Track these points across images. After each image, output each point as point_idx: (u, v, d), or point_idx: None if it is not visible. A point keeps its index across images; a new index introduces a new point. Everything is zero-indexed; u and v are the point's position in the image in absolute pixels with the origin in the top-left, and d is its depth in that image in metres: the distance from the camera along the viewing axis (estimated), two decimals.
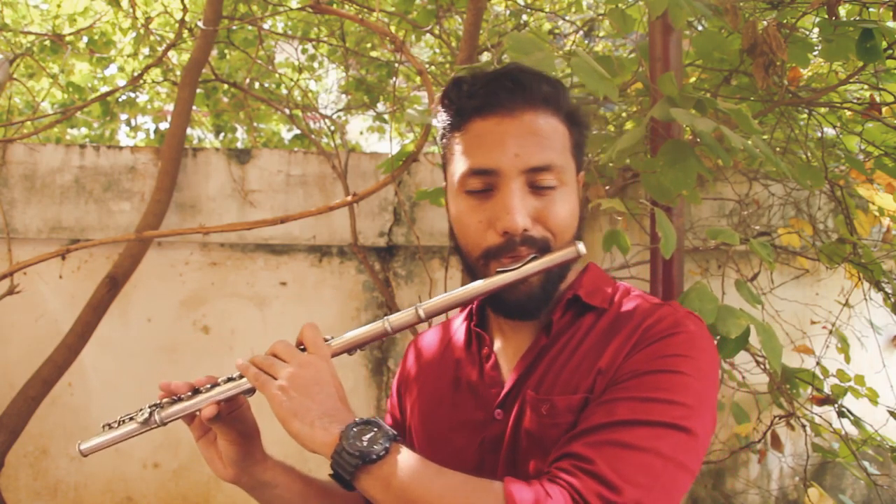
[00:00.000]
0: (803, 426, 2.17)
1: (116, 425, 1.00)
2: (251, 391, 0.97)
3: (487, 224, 0.96)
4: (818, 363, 2.28)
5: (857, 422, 2.10)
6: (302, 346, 0.97)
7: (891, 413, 2.20)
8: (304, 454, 1.06)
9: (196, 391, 0.98)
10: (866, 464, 2.17)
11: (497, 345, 1.07)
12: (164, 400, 1.00)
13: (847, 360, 2.35)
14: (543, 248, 0.95)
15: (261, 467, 1.05)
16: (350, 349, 0.98)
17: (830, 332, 2.39)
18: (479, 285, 0.96)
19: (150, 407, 0.99)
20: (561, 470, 0.84)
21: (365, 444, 0.84)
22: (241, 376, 0.97)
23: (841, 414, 2.13)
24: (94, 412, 2.79)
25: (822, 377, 2.20)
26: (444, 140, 1.03)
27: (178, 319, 2.85)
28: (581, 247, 0.94)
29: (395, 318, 0.97)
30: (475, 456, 1.01)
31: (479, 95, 0.96)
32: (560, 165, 0.96)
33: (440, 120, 1.03)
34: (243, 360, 0.96)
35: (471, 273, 1.01)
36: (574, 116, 1.00)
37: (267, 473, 1.05)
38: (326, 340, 0.97)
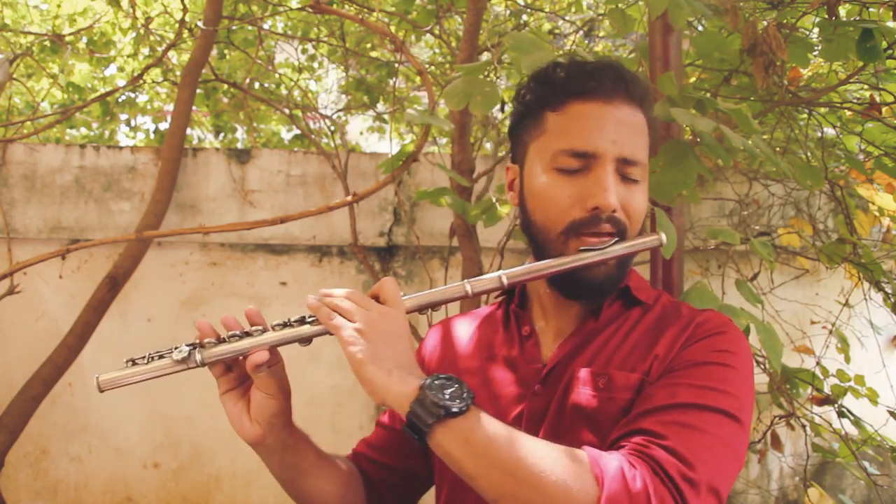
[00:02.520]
0: (803, 426, 2.17)
1: (144, 361, 0.90)
2: (308, 340, 0.92)
3: (576, 199, 0.97)
4: (818, 363, 2.28)
5: (857, 422, 2.10)
6: (376, 300, 0.94)
7: (891, 413, 2.20)
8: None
9: (246, 333, 0.93)
10: (866, 464, 2.17)
11: (539, 326, 1.08)
12: (207, 339, 0.92)
13: (847, 360, 2.35)
14: (623, 232, 0.98)
15: (288, 430, 1.01)
16: (424, 308, 0.96)
17: (830, 332, 2.39)
18: (563, 259, 0.97)
19: (188, 345, 0.91)
20: (637, 444, 0.85)
21: (447, 397, 0.83)
22: (298, 321, 0.93)
23: (841, 414, 2.13)
24: (94, 412, 2.79)
25: (822, 377, 2.20)
26: (526, 119, 1.04)
27: (178, 319, 2.85)
28: (664, 236, 1.01)
29: (477, 282, 0.96)
30: (512, 427, 1.01)
31: (582, 79, 0.99)
32: (643, 163, 1.01)
33: (529, 98, 1.04)
34: (314, 299, 0.93)
35: (541, 252, 1.01)
36: (654, 120, 1.05)
37: (291, 437, 1.02)
38: (402, 297, 0.95)
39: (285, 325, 0.93)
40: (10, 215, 2.77)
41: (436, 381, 0.85)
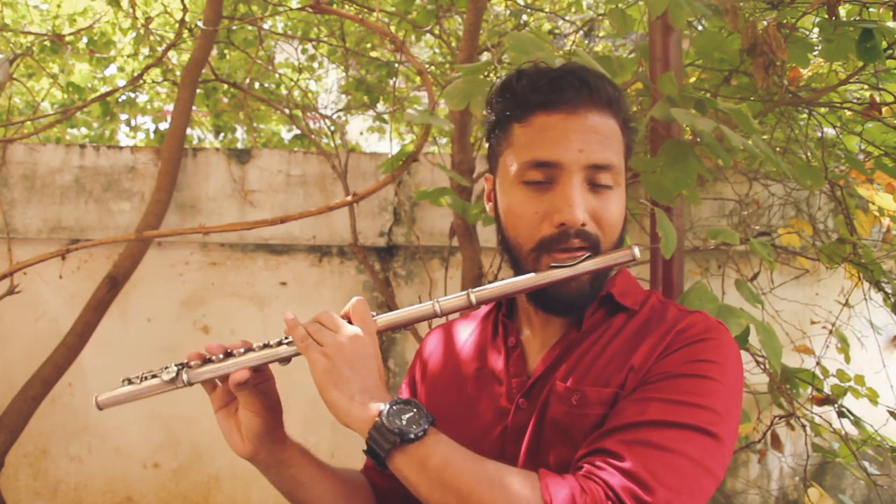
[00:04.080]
0: (803, 426, 2.17)
1: (138, 381, 0.96)
2: (286, 360, 0.96)
3: (544, 215, 0.96)
4: (818, 363, 2.28)
5: (857, 422, 2.10)
6: (347, 320, 0.96)
7: (891, 413, 2.20)
8: (306, 439, 1.05)
9: (228, 354, 0.96)
10: (866, 464, 2.17)
11: (524, 336, 1.08)
12: (194, 361, 0.96)
13: (847, 360, 2.35)
14: (594, 245, 0.96)
15: (280, 445, 1.03)
16: (395, 327, 0.98)
17: (830, 332, 2.40)
18: (532, 277, 0.96)
19: (177, 365, 0.95)
20: (593, 466, 0.84)
21: (404, 423, 0.85)
22: (277, 343, 0.96)
23: (841, 414, 2.13)
24: (94, 412, 2.78)
25: (822, 377, 2.20)
26: (497, 130, 1.03)
27: (178, 319, 2.85)
28: (636, 251, 0.96)
29: (446, 301, 0.98)
30: (495, 443, 1.01)
31: (545, 90, 0.97)
32: (617, 166, 0.97)
33: (496, 109, 1.02)
34: (291, 320, 0.95)
35: (517, 266, 1.01)
36: (628, 121, 1.02)
37: (285, 452, 1.03)
38: (373, 316, 0.97)
39: (265, 346, 0.96)
40: (10, 215, 2.77)
41: (394, 407, 0.86)
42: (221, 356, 0.96)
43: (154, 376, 0.96)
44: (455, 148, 2.32)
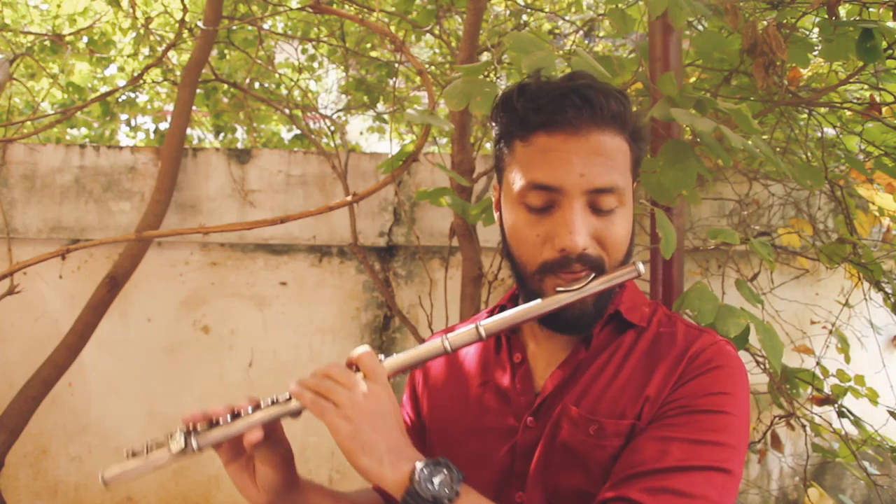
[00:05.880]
0: (803, 426, 2.17)
1: (144, 452, 0.93)
2: (297, 413, 0.93)
3: (545, 239, 0.95)
4: (818, 363, 2.28)
5: (857, 422, 2.10)
6: (355, 368, 0.94)
7: (891, 413, 2.20)
8: (304, 454, 1.05)
9: (236, 414, 0.94)
10: (866, 464, 2.17)
11: (529, 351, 1.07)
12: (199, 424, 0.94)
13: (847, 360, 2.35)
14: (597, 266, 0.95)
15: (296, 491, 1.02)
16: (405, 370, 0.97)
17: (830, 332, 2.39)
18: (538, 304, 0.95)
19: (183, 432, 0.93)
20: None
21: (436, 487, 0.85)
22: (286, 400, 0.93)
23: (841, 414, 2.13)
24: (94, 412, 2.79)
25: (822, 377, 2.20)
26: (501, 143, 1.01)
27: (178, 319, 2.85)
28: (640, 267, 0.95)
29: (455, 337, 0.96)
30: (504, 460, 1.01)
31: (547, 110, 0.94)
32: (622, 187, 0.95)
33: (500, 122, 1.01)
34: (296, 385, 0.92)
35: (521, 283, 1.01)
36: (637, 132, 1.00)
37: (300, 496, 1.03)
38: (381, 361, 0.95)
39: (274, 402, 0.94)
40: (10, 215, 2.77)
41: (425, 470, 0.86)
42: (228, 418, 0.94)
43: (160, 446, 0.93)
44: (455, 148, 2.32)
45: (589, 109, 0.93)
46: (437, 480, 0.85)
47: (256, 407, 0.93)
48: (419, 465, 0.86)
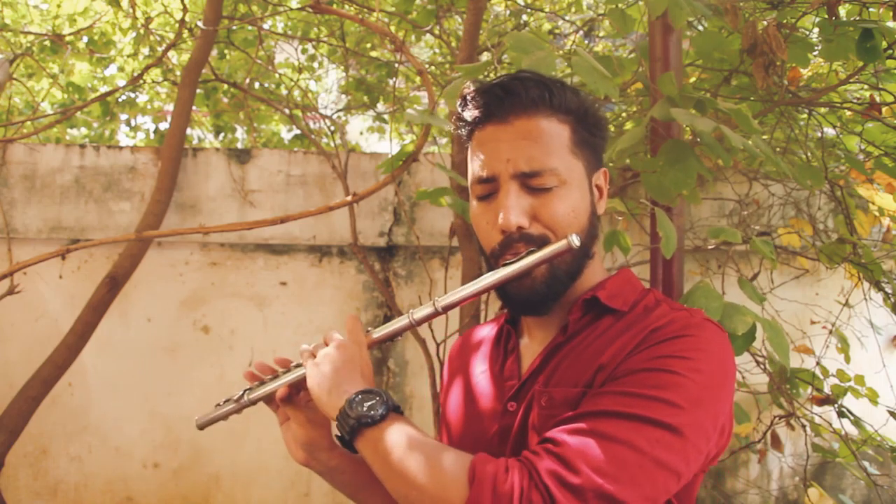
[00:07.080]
0: (803, 426, 2.17)
1: (222, 404, 1.13)
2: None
3: (492, 224, 1.02)
4: (818, 363, 2.28)
5: (857, 422, 2.10)
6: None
7: (891, 413, 2.20)
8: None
9: (276, 375, 1.10)
10: (866, 464, 2.17)
11: (523, 341, 1.12)
12: (255, 383, 1.11)
13: (847, 360, 2.35)
14: (542, 244, 0.99)
15: (328, 454, 1.10)
16: (383, 340, 1.08)
17: (830, 332, 2.39)
18: (486, 279, 1.02)
19: (243, 390, 1.12)
20: (531, 452, 0.87)
21: (364, 409, 0.93)
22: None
23: (841, 414, 2.13)
24: (94, 412, 2.79)
25: (822, 377, 2.20)
26: (465, 147, 1.11)
27: (178, 319, 2.85)
28: (574, 238, 0.96)
29: (417, 312, 1.07)
30: (492, 443, 1.05)
31: (479, 107, 1.02)
32: (554, 167, 0.99)
33: (456, 130, 1.09)
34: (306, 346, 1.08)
35: (488, 268, 1.07)
36: (578, 113, 1.03)
37: (334, 460, 1.11)
38: (368, 332, 1.08)
39: (298, 365, 1.09)
40: (10, 215, 2.76)
41: (359, 396, 0.94)
42: (270, 377, 1.11)
43: (227, 400, 1.14)
44: (455, 148, 2.32)
45: (510, 98, 1.00)
46: (367, 404, 0.93)
47: (287, 370, 1.10)
48: (355, 393, 0.95)
